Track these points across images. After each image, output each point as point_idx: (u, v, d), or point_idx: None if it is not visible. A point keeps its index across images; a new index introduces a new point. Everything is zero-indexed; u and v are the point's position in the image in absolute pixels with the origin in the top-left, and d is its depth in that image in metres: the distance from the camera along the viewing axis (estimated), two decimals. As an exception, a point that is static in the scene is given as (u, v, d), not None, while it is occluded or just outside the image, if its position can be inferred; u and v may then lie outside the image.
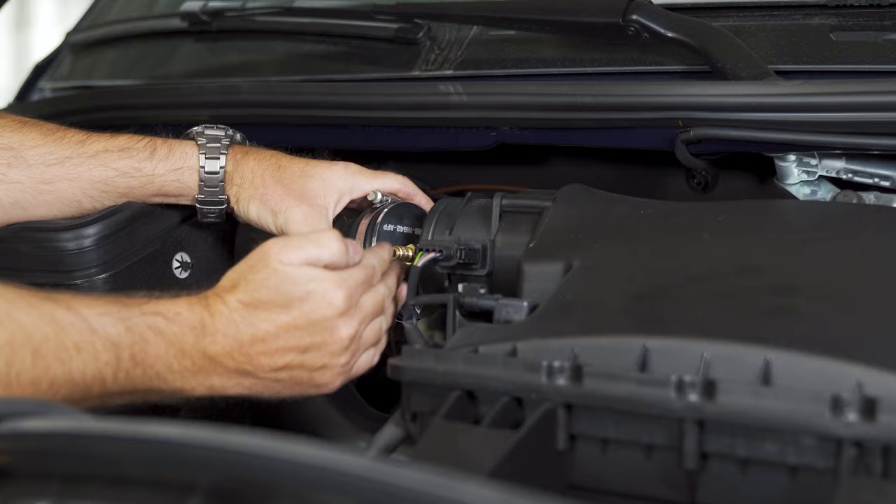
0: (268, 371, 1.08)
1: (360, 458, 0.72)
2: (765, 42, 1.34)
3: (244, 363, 1.07)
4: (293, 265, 1.08)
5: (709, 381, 0.93)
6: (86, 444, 0.76)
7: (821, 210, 1.26)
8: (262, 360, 1.08)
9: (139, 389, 1.06)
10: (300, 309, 1.08)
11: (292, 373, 1.09)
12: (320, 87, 1.55)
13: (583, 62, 1.42)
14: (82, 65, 1.86)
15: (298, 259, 1.09)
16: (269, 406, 1.18)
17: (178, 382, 1.07)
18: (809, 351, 0.96)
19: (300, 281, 1.08)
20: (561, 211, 1.25)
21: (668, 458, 0.95)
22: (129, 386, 1.05)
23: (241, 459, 0.72)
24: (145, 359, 1.04)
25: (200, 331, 1.06)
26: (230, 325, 1.07)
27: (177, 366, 1.06)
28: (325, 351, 1.10)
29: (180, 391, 1.08)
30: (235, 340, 1.07)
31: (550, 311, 1.10)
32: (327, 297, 1.09)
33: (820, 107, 1.22)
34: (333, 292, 1.09)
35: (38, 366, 0.98)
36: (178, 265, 1.46)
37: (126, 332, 1.03)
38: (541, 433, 0.96)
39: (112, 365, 1.02)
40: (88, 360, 1.01)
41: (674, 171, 1.42)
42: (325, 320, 1.09)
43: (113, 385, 1.03)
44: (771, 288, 1.07)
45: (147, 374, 1.05)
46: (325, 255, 1.10)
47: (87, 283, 1.37)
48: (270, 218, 1.34)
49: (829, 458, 0.90)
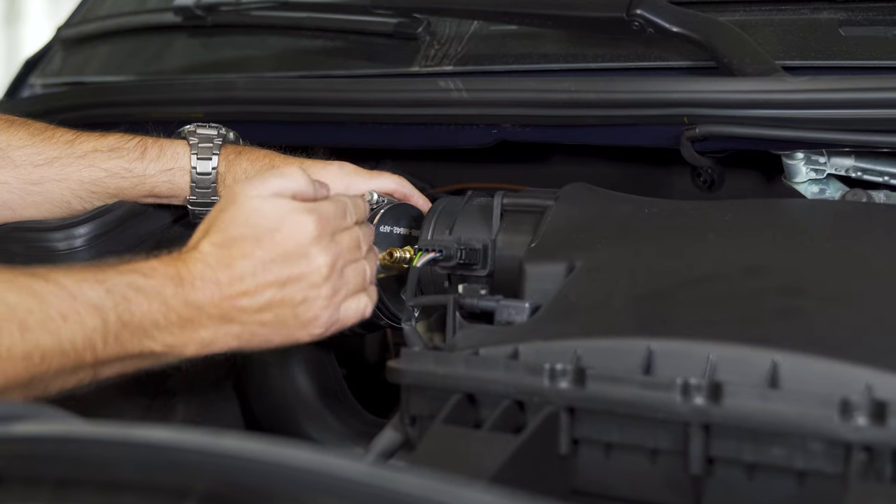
0: (252, 313, 1.08)
1: (358, 462, 0.72)
2: (772, 37, 1.34)
3: (228, 308, 1.07)
4: (261, 197, 1.09)
5: (715, 383, 0.93)
6: (78, 448, 0.76)
7: (829, 209, 1.26)
8: (244, 301, 1.07)
9: (131, 353, 1.05)
10: (272, 239, 1.08)
11: (276, 312, 1.09)
12: (317, 83, 1.55)
13: (586, 58, 1.42)
14: (73, 60, 1.86)
15: (266, 191, 1.09)
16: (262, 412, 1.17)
17: (168, 338, 1.06)
18: (818, 353, 0.96)
19: (269, 212, 1.08)
20: (563, 210, 1.25)
21: (673, 462, 0.95)
22: (121, 351, 1.04)
23: (236, 464, 0.72)
24: (132, 319, 1.04)
25: (178, 280, 1.06)
26: (206, 268, 1.07)
27: (163, 321, 1.05)
28: (305, 282, 1.09)
29: (171, 350, 1.07)
30: (215, 283, 1.06)
31: (553, 313, 1.10)
32: (299, 224, 1.09)
33: (829, 103, 1.22)
34: (304, 219, 1.09)
35: (27, 339, 0.97)
36: (172, 265, 1.46)
37: (106, 294, 1.03)
38: (543, 437, 0.97)
39: (100, 330, 1.02)
40: (76, 328, 1.00)
41: (679, 170, 1.42)
42: (300, 248, 1.09)
43: (104, 351, 1.03)
44: (778, 289, 1.07)
45: (136, 334, 1.04)
46: (292, 185, 1.10)
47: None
48: None
49: (838, 463, 0.90)
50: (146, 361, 1.08)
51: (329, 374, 1.52)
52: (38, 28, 5.61)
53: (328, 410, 1.49)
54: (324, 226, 1.10)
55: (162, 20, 1.76)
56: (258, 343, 1.11)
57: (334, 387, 1.52)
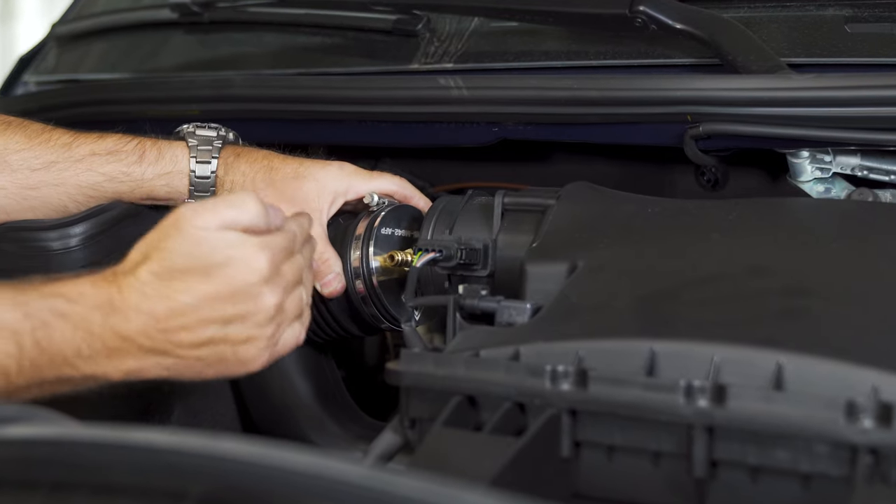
0: (188, 348, 1.03)
1: (357, 465, 0.72)
2: (777, 34, 1.34)
3: (162, 341, 1.02)
4: (209, 229, 1.02)
5: (719, 385, 0.93)
6: (73, 451, 0.76)
7: (835, 208, 1.26)
8: (182, 336, 1.02)
9: (48, 380, 1.01)
10: (221, 276, 1.02)
11: (216, 349, 1.04)
12: (315, 80, 1.55)
13: (588, 55, 1.42)
14: (68, 58, 1.86)
15: (215, 223, 1.02)
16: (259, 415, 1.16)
17: (90, 368, 1.01)
18: (823, 354, 0.96)
19: (219, 246, 1.02)
20: (565, 209, 1.25)
21: (677, 465, 0.95)
22: (37, 377, 1.00)
23: (233, 467, 0.72)
24: (50, 345, 0.99)
25: (109, 309, 1.00)
26: (143, 299, 1.01)
27: (87, 350, 1.00)
28: (250, 322, 1.04)
29: (93, 377, 1.02)
30: (150, 316, 1.01)
31: (554, 314, 1.10)
32: (250, 263, 1.03)
33: (834, 101, 1.22)
34: (256, 257, 1.03)
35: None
36: (169, 266, 1.46)
37: (24, 318, 0.98)
38: (544, 440, 0.97)
39: (14, 356, 0.98)
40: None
41: (682, 169, 1.42)
42: (249, 287, 1.03)
43: (18, 377, 0.99)
44: (783, 289, 1.07)
45: (55, 361, 1.00)
46: (244, 218, 1.03)
47: (74, 285, 1.37)
48: None
49: (844, 465, 0.90)
50: (65, 387, 1.03)
51: (327, 377, 1.52)
52: (32, 25, 5.61)
53: (326, 413, 1.49)
54: (275, 263, 1.05)
55: (158, 17, 1.76)
56: (190, 375, 1.06)
57: (333, 389, 1.52)
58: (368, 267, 1.34)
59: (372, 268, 1.34)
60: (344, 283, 1.33)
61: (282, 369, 1.48)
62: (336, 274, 1.33)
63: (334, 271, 1.33)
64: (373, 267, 1.34)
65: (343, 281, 1.33)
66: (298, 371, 1.48)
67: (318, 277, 1.33)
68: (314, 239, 1.18)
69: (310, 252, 1.15)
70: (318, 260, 1.32)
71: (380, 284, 1.34)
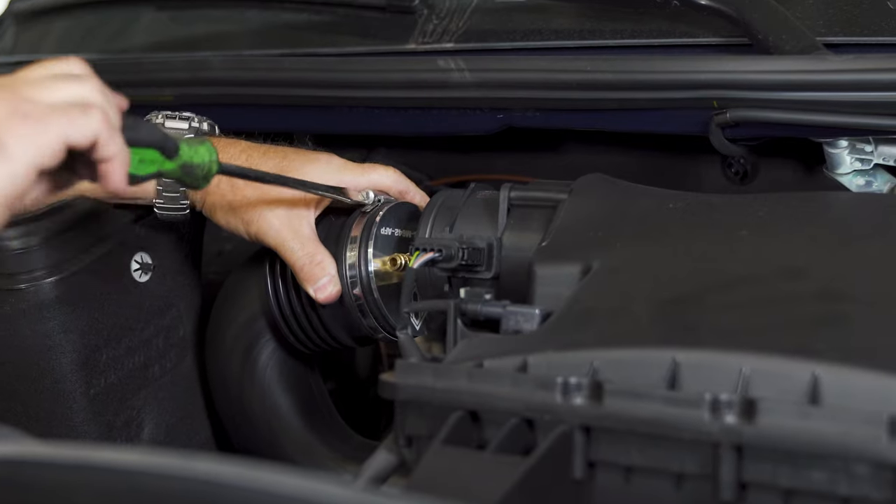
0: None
1: (348, 488, 0.72)
2: (813, 11, 1.34)
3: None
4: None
5: (748, 400, 0.93)
6: (34, 472, 0.76)
7: (876, 203, 1.27)
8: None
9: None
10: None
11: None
12: (302, 62, 1.55)
13: (603, 34, 1.42)
14: (28, 37, 1.86)
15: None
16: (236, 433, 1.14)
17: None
18: (863, 365, 0.96)
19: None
20: (578, 205, 1.26)
21: (702, 488, 0.95)
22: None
23: (209, 490, 0.72)
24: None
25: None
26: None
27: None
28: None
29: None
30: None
31: (566, 320, 1.10)
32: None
33: (876, 85, 1.22)
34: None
35: None
36: (138, 267, 1.47)
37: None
38: (555, 460, 0.97)
39: None
40: None
41: (707, 159, 1.43)
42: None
43: None
44: (819, 293, 1.07)
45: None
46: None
47: (34, 287, 1.37)
48: (242, 228, 1.35)
49: (887, 488, 0.90)
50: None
51: (312, 390, 1.52)
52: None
53: (312, 431, 1.49)
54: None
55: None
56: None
57: (319, 404, 1.52)
58: (367, 271, 1.33)
59: (371, 272, 1.34)
60: (339, 287, 1.33)
61: (262, 382, 1.48)
62: (331, 277, 1.33)
63: (329, 274, 1.33)
64: (371, 271, 1.34)
65: (339, 285, 1.33)
66: (280, 384, 1.48)
67: (310, 281, 1.33)
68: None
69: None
70: (309, 262, 1.33)
71: (379, 291, 1.33)
